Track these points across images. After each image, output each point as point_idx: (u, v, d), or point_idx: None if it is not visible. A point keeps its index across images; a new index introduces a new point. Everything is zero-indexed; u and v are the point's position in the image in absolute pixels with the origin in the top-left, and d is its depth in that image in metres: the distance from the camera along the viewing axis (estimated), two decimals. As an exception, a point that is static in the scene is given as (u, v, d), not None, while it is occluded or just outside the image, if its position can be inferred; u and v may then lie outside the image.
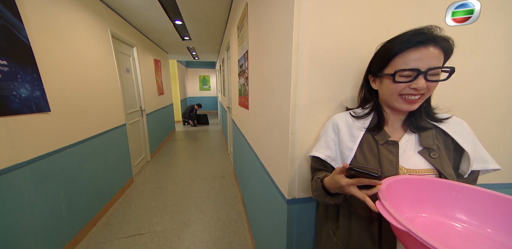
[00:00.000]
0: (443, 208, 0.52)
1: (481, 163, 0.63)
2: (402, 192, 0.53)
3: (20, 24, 1.33)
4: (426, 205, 0.54)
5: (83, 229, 1.88)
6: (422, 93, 0.58)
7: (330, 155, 0.73)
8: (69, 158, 1.76)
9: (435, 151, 0.61)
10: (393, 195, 0.50)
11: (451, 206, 0.52)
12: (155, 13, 2.89)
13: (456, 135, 0.62)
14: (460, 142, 0.61)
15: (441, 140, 0.63)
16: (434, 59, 0.55)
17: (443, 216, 0.51)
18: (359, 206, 0.67)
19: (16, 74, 1.29)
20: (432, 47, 0.54)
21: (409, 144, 0.64)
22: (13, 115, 1.29)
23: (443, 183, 0.54)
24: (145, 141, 3.72)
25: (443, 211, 0.52)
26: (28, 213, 1.37)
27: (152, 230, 2.00)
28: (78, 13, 1.99)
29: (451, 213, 0.51)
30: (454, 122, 0.65)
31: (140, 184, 2.97)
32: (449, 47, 0.56)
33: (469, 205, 0.50)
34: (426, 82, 0.56)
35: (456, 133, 0.63)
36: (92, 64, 2.14)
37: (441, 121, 0.64)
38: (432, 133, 0.64)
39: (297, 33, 0.79)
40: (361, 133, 0.68)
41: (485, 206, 0.48)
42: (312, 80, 0.83)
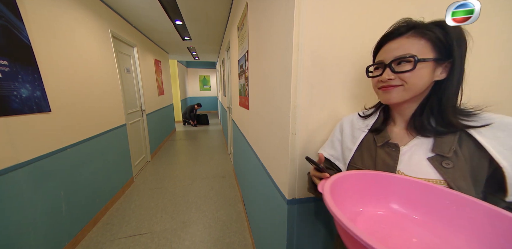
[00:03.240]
0: (382, 200, 0.55)
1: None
2: (352, 186, 0.55)
3: (21, 24, 1.33)
4: (369, 198, 0.55)
5: (83, 229, 1.88)
6: (397, 84, 0.55)
7: (333, 154, 0.74)
8: (69, 158, 1.76)
9: (450, 159, 0.51)
10: (341, 188, 0.51)
11: (386, 197, 0.55)
12: (155, 13, 2.89)
13: (490, 142, 0.48)
14: (494, 152, 0.47)
15: (468, 148, 0.51)
16: (403, 49, 0.53)
17: (383, 207, 0.54)
18: None
19: (17, 74, 1.30)
20: (405, 37, 0.53)
21: (418, 148, 0.56)
22: (14, 116, 1.29)
23: (383, 176, 0.55)
24: (145, 141, 3.73)
25: (381, 203, 0.54)
26: (28, 213, 1.37)
27: (152, 230, 2.00)
28: (79, 13, 1.99)
29: (387, 204, 0.54)
30: (499, 127, 0.49)
31: (140, 184, 2.97)
32: (429, 33, 0.51)
33: (402, 195, 0.54)
34: (395, 74, 0.54)
35: (493, 140, 0.48)
36: (92, 64, 2.14)
37: (469, 126, 0.51)
38: (454, 138, 0.52)
39: (297, 33, 0.79)
40: (362, 133, 0.67)
41: (416, 195, 0.52)
42: (312, 80, 0.83)
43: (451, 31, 0.51)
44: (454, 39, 0.50)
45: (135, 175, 3.16)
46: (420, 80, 0.53)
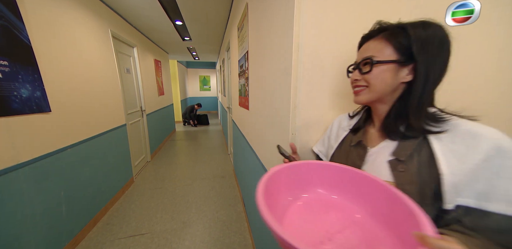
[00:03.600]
0: (311, 185, 0.60)
1: (484, 201, 0.43)
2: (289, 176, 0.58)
3: (21, 25, 1.33)
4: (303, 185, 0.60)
5: (83, 229, 1.89)
6: (362, 85, 0.57)
7: (322, 150, 0.79)
8: (69, 158, 1.76)
9: (405, 163, 0.51)
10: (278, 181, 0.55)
11: (314, 183, 0.60)
12: (155, 14, 2.89)
13: (443, 149, 0.47)
14: (441, 158, 0.46)
15: (426, 154, 0.49)
16: (369, 51, 0.54)
17: (312, 192, 0.59)
18: None
19: (17, 75, 1.30)
20: (375, 39, 0.55)
21: (384, 150, 0.56)
22: (14, 116, 1.29)
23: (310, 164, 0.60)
24: (145, 141, 3.73)
25: (308, 187, 0.60)
26: (29, 213, 1.37)
27: (152, 230, 2.01)
28: (79, 14, 1.99)
29: (314, 188, 0.60)
30: (456, 134, 0.47)
31: (140, 184, 2.97)
32: (392, 35, 0.52)
33: (324, 180, 0.59)
34: (361, 75, 0.56)
35: (447, 146, 0.47)
36: (92, 65, 2.15)
37: (431, 131, 0.49)
38: (414, 142, 0.51)
39: (297, 33, 0.79)
40: (344, 133, 0.69)
41: (336, 179, 0.58)
42: (312, 81, 0.83)
43: (412, 34, 0.49)
44: (415, 42, 0.49)
45: (135, 175, 3.16)
46: (380, 81, 0.53)
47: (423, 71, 0.50)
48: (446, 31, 0.51)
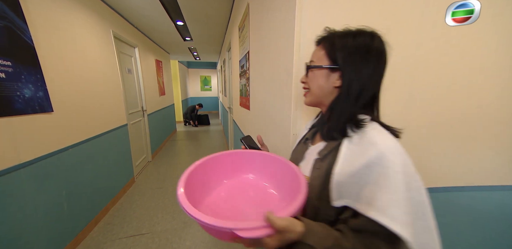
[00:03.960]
0: (242, 171, 0.75)
1: (357, 202, 0.47)
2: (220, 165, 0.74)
3: (24, 26, 1.34)
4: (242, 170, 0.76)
5: (85, 229, 1.90)
6: (306, 87, 0.61)
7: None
8: (71, 158, 1.77)
9: (322, 162, 0.55)
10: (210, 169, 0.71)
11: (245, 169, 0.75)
12: (156, 14, 2.91)
13: (347, 151, 0.50)
14: (339, 159, 0.50)
15: (336, 155, 0.52)
16: (312, 57, 0.59)
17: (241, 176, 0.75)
18: None
19: (20, 75, 1.31)
20: (318, 46, 0.59)
21: (316, 149, 0.59)
22: (17, 116, 1.30)
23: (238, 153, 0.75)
24: (146, 141, 3.74)
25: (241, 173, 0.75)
26: (30, 213, 1.38)
27: (153, 230, 2.01)
28: (81, 14, 2.00)
29: (246, 174, 0.75)
30: (364, 141, 0.49)
31: (141, 184, 2.98)
32: (326, 43, 0.56)
33: (243, 164, 0.75)
34: (306, 78, 0.61)
35: (351, 150, 0.50)
36: (94, 65, 2.16)
37: (347, 135, 0.52)
38: (334, 144, 0.54)
39: (298, 33, 0.80)
40: (305, 131, 0.73)
41: (259, 164, 0.73)
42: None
43: (337, 43, 0.53)
44: (340, 51, 0.52)
45: (136, 175, 3.18)
46: (315, 85, 0.58)
47: (347, 78, 0.52)
48: (378, 41, 0.52)
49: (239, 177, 0.74)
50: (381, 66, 0.52)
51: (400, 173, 0.43)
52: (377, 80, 0.53)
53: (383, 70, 0.52)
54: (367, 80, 0.51)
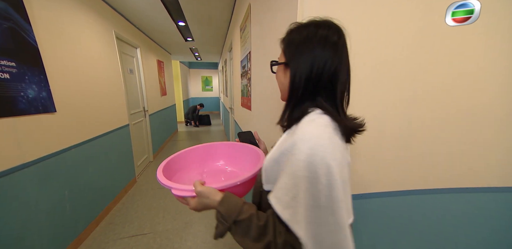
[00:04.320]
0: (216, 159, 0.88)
1: (269, 184, 0.53)
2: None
3: (28, 27, 1.36)
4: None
5: (87, 229, 1.91)
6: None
7: None
8: (73, 157, 1.79)
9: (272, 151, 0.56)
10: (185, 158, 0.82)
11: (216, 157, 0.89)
12: (158, 15, 2.93)
13: (281, 139, 0.54)
14: (274, 147, 0.54)
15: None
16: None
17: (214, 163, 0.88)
18: None
19: (24, 76, 1.33)
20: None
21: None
22: (21, 116, 1.32)
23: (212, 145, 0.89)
24: (148, 141, 3.76)
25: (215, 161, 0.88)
26: (33, 212, 1.40)
27: (155, 230, 2.03)
28: (84, 15, 2.03)
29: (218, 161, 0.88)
30: (292, 132, 0.51)
31: (143, 184, 3.00)
32: (281, 42, 0.57)
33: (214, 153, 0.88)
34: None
35: (282, 138, 0.54)
36: (96, 65, 2.18)
37: (290, 127, 0.54)
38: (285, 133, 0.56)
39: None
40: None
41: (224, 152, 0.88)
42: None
43: (286, 38, 0.55)
44: (285, 45, 0.55)
45: (138, 175, 3.19)
46: (278, 82, 0.59)
47: (292, 72, 0.52)
48: (324, 30, 0.50)
49: (211, 164, 0.86)
50: (326, 55, 0.49)
51: (302, 161, 0.42)
52: (324, 70, 0.49)
53: (333, 59, 0.49)
54: (309, 71, 0.50)
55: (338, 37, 0.50)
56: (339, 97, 0.51)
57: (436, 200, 1.01)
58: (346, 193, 0.44)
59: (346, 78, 0.52)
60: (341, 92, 0.52)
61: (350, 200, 0.47)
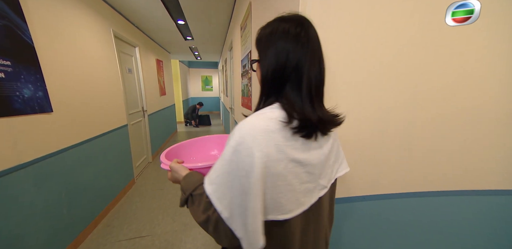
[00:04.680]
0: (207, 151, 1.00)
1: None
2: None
3: (24, 25, 1.35)
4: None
5: (84, 231, 1.90)
6: None
7: None
8: (71, 158, 1.78)
9: None
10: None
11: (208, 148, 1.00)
12: (157, 13, 2.92)
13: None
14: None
15: None
16: None
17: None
18: None
19: (20, 75, 1.31)
20: None
21: None
22: (16, 116, 1.31)
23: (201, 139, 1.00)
24: (146, 142, 3.75)
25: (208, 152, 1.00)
26: (29, 214, 1.39)
27: (153, 232, 2.01)
28: (81, 14, 2.01)
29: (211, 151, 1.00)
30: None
31: (142, 185, 2.99)
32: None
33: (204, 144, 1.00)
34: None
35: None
36: (94, 65, 2.17)
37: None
38: None
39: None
40: None
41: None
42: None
43: (257, 37, 0.58)
44: (256, 43, 0.58)
45: (136, 176, 3.18)
46: (257, 79, 0.60)
47: (260, 67, 0.56)
48: (286, 23, 0.52)
49: (205, 152, 0.98)
50: (288, 47, 0.50)
51: (231, 147, 0.47)
52: (287, 63, 0.50)
53: (295, 51, 0.50)
54: (274, 65, 0.51)
55: (300, 29, 0.51)
56: (305, 90, 0.51)
57: (436, 202, 1.00)
58: (275, 187, 0.48)
59: (316, 71, 0.52)
60: (308, 85, 0.51)
61: (289, 195, 0.50)
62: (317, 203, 0.57)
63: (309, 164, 0.52)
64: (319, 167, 0.55)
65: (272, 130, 0.47)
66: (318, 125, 0.51)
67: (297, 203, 0.51)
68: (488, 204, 1.00)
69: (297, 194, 0.51)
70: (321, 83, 0.54)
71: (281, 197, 0.49)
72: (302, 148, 0.51)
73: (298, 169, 0.50)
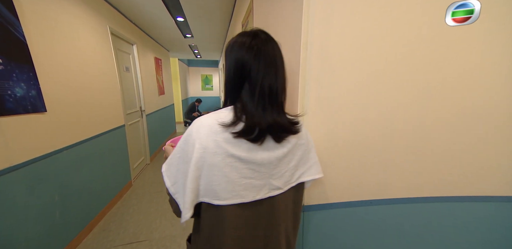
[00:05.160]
0: None
1: None
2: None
3: (16, 21, 1.34)
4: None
5: (78, 236, 1.88)
6: None
7: None
8: (65, 160, 1.76)
9: None
10: None
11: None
12: (156, 10, 2.91)
13: None
14: None
15: None
16: None
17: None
18: None
19: (11, 73, 1.30)
20: None
21: None
22: (8, 116, 1.29)
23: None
24: (144, 143, 3.74)
25: None
26: (21, 219, 1.37)
27: (151, 237, 2.00)
28: (76, 10, 2.00)
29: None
30: None
31: (139, 188, 2.97)
32: None
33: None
34: None
35: None
36: (90, 63, 2.16)
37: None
38: None
39: (305, 30, 0.78)
40: None
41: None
42: (321, 80, 0.81)
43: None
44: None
45: (134, 178, 3.17)
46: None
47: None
48: (240, 37, 0.62)
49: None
50: (239, 56, 0.60)
51: (184, 137, 0.62)
52: (242, 71, 0.60)
53: (246, 60, 0.59)
54: (232, 72, 0.62)
55: (254, 42, 0.60)
56: (258, 97, 0.58)
57: (438, 208, 0.98)
58: (211, 176, 0.58)
59: (272, 79, 0.60)
60: (261, 92, 0.58)
61: (225, 185, 0.58)
62: (269, 202, 0.64)
63: (252, 162, 0.59)
64: (267, 167, 0.61)
65: (214, 128, 0.57)
66: (267, 131, 0.59)
67: (233, 194, 0.59)
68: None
69: (236, 186, 0.58)
70: (277, 91, 0.61)
71: (216, 185, 0.58)
72: (246, 147, 0.58)
73: (238, 164, 0.58)
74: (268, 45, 0.61)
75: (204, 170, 0.57)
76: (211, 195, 0.59)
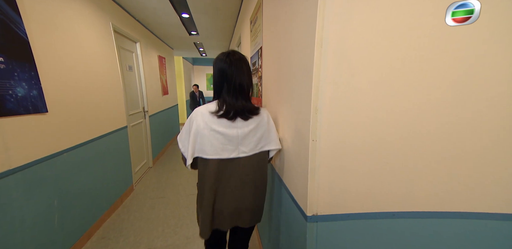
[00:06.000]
0: None
1: None
2: None
3: (18, 18, 1.37)
4: None
5: (76, 244, 1.90)
6: None
7: None
8: (65, 163, 1.79)
9: None
10: None
11: None
12: (160, 6, 2.95)
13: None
14: None
15: None
16: None
17: None
18: None
19: (13, 72, 1.33)
20: None
21: None
22: (8, 117, 1.32)
23: None
24: (147, 145, 3.78)
25: None
26: (17, 224, 1.39)
27: (153, 246, 2.00)
28: (79, 6, 2.05)
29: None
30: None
31: (141, 193, 3.00)
32: None
33: None
34: None
35: None
36: (92, 61, 2.20)
37: None
38: None
39: (321, 26, 0.77)
40: None
41: None
42: (337, 80, 0.80)
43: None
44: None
45: (135, 183, 3.20)
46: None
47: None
48: (217, 59, 1.14)
49: None
50: (220, 67, 1.10)
51: (189, 118, 1.12)
52: (223, 76, 1.10)
53: (224, 69, 1.09)
54: (216, 77, 1.14)
55: (225, 57, 1.09)
56: (233, 92, 1.09)
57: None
58: (202, 141, 1.08)
59: (242, 79, 1.10)
60: (235, 88, 1.09)
61: (209, 147, 1.08)
62: (237, 160, 1.12)
63: (226, 134, 1.07)
64: (236, 138, 1.09)
65: (205, 113, 1.08)
66: (239, 113, 1.08)
67: (215, 152, 1.08)
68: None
69: (216, 149, 1.07)
70: (244, 87, 1.10)
71: (204, 146, 1.08)
72: (224, 124, 1.07)
73: (218, 136, 1.07)
74: (237, 58, 1.09)
75: (198, 138, 1.07)
76: (202, 152, 1.09)
